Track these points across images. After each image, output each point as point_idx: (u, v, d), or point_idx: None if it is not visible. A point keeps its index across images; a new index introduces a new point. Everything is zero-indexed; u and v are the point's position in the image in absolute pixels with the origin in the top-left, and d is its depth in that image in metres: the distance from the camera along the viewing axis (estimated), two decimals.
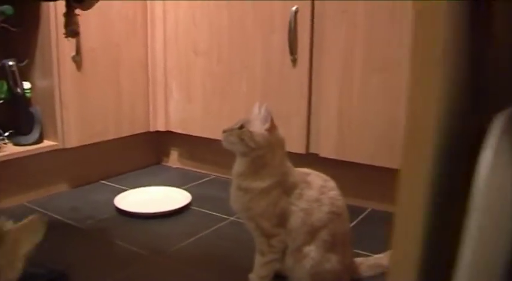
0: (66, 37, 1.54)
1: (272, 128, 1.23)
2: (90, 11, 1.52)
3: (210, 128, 2.24)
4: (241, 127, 1.23)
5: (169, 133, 2.44)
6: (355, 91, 1.83)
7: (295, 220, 1.22)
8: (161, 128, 2.42)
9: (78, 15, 1.49)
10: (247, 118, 1.26)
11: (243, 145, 1.22)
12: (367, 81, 1.80)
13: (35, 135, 2.01)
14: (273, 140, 1.23)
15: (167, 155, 2.57)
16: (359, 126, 1.85)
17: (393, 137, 1.78)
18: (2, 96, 1.99)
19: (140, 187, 2.12)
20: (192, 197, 1.98)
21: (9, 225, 0.93)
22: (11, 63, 1.96)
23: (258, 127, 1.22)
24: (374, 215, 1.87)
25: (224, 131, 1.25)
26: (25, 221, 0.93)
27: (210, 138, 2.23)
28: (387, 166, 1.81)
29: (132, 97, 2.31)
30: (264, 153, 1.22)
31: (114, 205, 1.91)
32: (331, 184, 1.28)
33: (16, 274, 0.87)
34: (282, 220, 1.23)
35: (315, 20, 1.89)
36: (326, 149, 1.93)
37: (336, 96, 1.87)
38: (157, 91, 2.38)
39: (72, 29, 1.50)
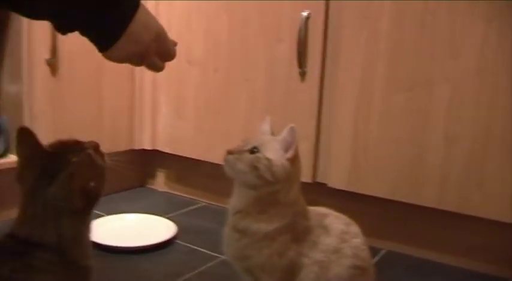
0: None
1: (295, 158, 0.95)
2: None
3: (202, 148, 1.96)
4: (254, 151, 0.95)
5: (156, 152, 2.15)
6: (375, 113, 1.56)
7: (307, 275, 0.94)
8: (147, 146, 2.14)
9: None
10: (260, 139, 0.98)
11: (256, 176, 0.93)
12: (390, 102, 1.53)
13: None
14: (293, 172, 0.95)
15: (153, 177, 2.28)
16: (377, 153, 1.57)
17: (418, 169, 1.51)
18: None
19: (119, 212, 1.82)
20: (177, 229, 1.69)
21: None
22: None
23: (277, 154, 0.94)
24: (391, 258, 1.59)
25: (230, 153, 0.97)
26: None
27: (202, 160, 1.95)
28: (408, 201, 1.54)
29: (115, 110, 2.03)
30: (279, 189, 0.94)
31: None
32: (355, 229, 1.00)
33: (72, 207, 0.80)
34: (289, 275, 0.94)
35: (330, 28, 1.63)
36: (336, 178, 1.65)
37: (351, 117, 1.60)
38: (144, 104, 2.10)
39: None
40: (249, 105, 1.82)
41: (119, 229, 1.71)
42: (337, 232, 0.96)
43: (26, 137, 0.84)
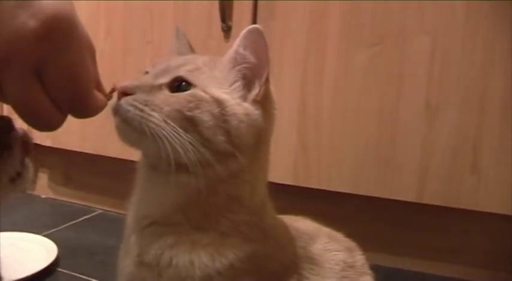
0: None
1: (267, 99, 0.53)
2: None
3: (95, 139, 1.48)
4: (179, 81, 0.51)
5: (34, 147, 1.64)
6: (329, 78, 1.17)
7: None
8: None
9: None
10: (185, 60, 0.55)
11: (194, 140, 0.49)
12: (349, 61, 1.14)
13: None
14: (265, 131, 0.53)
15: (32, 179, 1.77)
16: (333, 132, 1.17)
17: (390, 150, 1.13)
18: None
19: None
20: (61, 250, 1.21)
21: None
22: None
23: (224, 89, 0.52)
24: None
25: (125, 93, 0.52)
26: None
27: (96, 155, 1.48)
28: (376, 195, 1.16)
29: None
30: (242, 167, 0.51)
31: None
32: (360, 258, 0.58)
33: None
34: None
35: None
36: (278, 170, 1.23)
37: (296, 86, 1.19)
38: None
39: None
40: None
41: None
42: (337, 267, 0.53)
43: None
